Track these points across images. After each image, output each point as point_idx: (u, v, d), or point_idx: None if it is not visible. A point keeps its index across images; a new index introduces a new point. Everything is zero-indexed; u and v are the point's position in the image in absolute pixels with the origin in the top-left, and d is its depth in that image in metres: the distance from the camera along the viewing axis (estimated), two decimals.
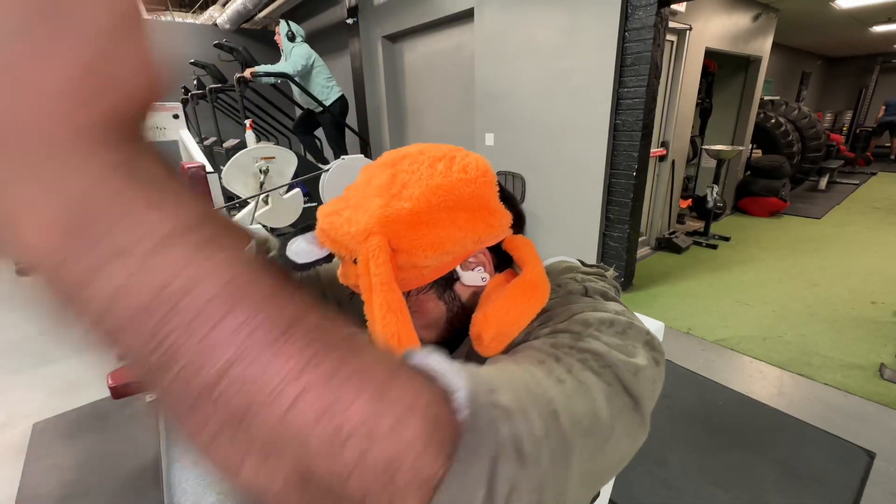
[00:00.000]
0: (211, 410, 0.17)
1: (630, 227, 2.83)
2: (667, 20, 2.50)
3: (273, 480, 0.18)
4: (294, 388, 0.18)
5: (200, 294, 0.17)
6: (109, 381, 1.43)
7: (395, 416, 0.20)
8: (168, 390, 0.18)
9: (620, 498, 1.47)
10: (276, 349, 0.18)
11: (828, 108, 9.43)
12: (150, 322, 0.16)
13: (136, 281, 0.16)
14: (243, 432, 0.18)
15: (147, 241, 0.16)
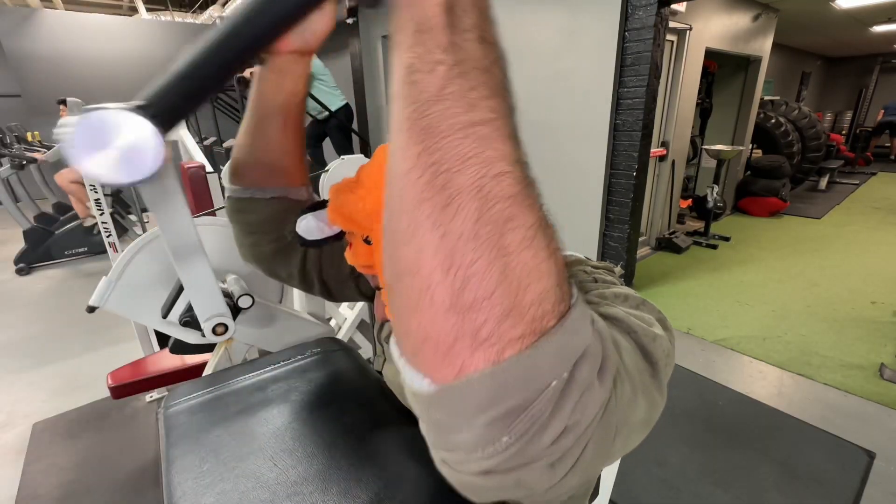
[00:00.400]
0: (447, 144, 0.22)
1: (630, 227, 2.83)
2: (667, 20, 2.50)
3: (443, 223, 0.22)
4: (506, 166, 0.23)
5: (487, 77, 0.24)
6: (110, 381, 1.44)
7: (549, 243, 0.23)
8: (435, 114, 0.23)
9: (620, 498, 1.47)
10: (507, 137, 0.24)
11: (828, 108, 9.44)
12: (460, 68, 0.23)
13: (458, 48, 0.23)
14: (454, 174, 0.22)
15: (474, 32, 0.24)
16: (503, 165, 0.22)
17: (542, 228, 0.23)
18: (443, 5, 0.23)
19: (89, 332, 2.68)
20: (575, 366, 0.23)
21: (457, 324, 0.22)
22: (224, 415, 0.74)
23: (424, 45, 0.23)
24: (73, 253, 4.07)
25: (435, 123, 0.22)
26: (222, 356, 1.09)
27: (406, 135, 0.23)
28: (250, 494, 0.57)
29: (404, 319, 0.24)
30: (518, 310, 0.22)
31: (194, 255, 0.90)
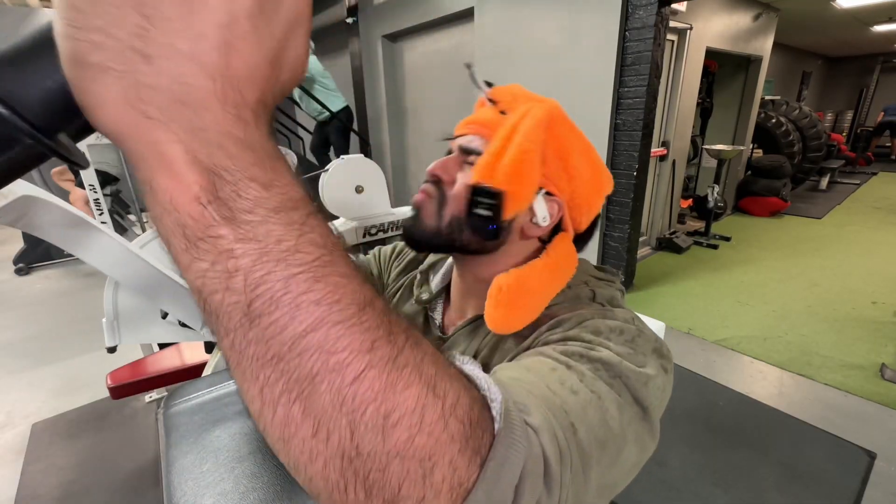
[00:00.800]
0: (285, 368, 0.19)
1: (630, 227, 2.83)
2: (667, 20, 2.50)
3: (321, 453, 0.19)
4: (360, 363, 0.19)
5: (294, 265, 0.19)
6: (109, 382, 1.44)
7: (442, 408, 0.21)
8: (252, 343, 0.19)
9: (620, 498, 1.46)
10: (350, 325, 0.19)
11: (828, 107, 9.43)
12: (254, 276, 0.19)
13: (245, 243, 0.19)
14: (306, 398, 0.19)
15: (259, 211, 0.19)
16: (357, 365, 0.19)
17: (428, 400, 0.20)
18: (200, 198, 0.18)
19: (89, 332, 2.68)
20: (516, 495, 0.23)
21: None
22: (224, 415, 0.74)
23: (204, 257, 0.19)
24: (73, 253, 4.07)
25: (261, 350, 0.19)
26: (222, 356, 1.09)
27: (238, 372, 0.20)
28: (250, 495, 0.57)
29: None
30: (432, 491, 0.20)
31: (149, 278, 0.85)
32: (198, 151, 0.18)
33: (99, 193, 2.18)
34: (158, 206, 0.19)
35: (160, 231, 0.20)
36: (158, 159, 0.18)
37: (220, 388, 0.81)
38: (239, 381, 0.20)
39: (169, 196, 0.18)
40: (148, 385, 1.44)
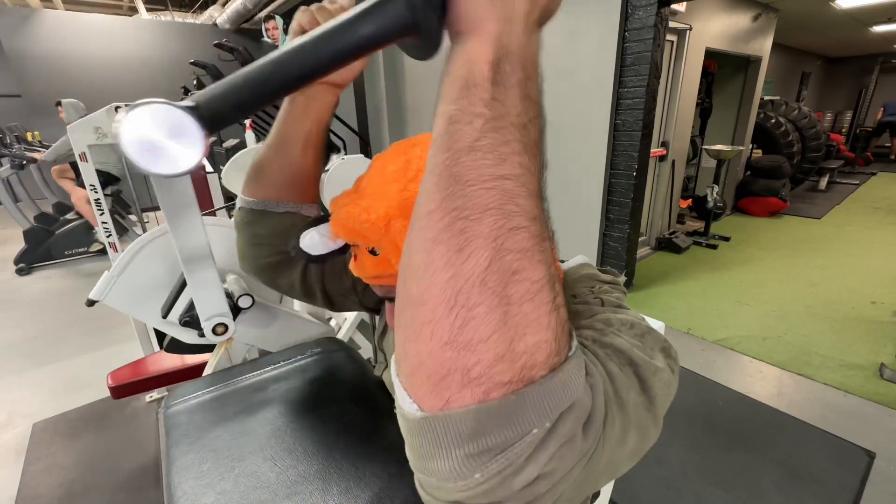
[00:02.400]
0: (472, 193, 0.24)
1: (630, 227, 2.83)
2: (667, 20, 2.50)
3: (454, 265, 0.23)
4: (523, 221, 0.24)
5: (519, 134, 0.25)
6: (110, 381, 1.44)
7: (553, 299, 0.25)
8: (468, 164, 0.24)
9: (620, 498, 1.47)
10: (529, 193, 0.25)
11: (828, 108, 9.43)
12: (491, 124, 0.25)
13: (499, 101, 0.25)
14: (473, 220, 0.23)
15: (517, 89, 0.26)
16: (521, 220, 0.24)
17: (548, 283, 0.24)
18: (492, 62, 0.25)
19: (89, 333, 2.68)
20: (559, 417, 0.24)
21: (451, 359, 0.23)
22: (224, 414, 0.74)
23: (468, 97, 0.25)
24: (73, 253, 4.07)
25: (464, 172, 0.24)
26: (222, 356, 1.09)
27: (435, 178, 0.25)
28: (250, 494, 0.57)
29: (405, 345, 0.25)
30: (510, 356, 0.23)
31: (202, 257, 0.91)
32: (503, 34, 0.26)
33: (100, 193, 2.18)
34: (463, 58, 0.26)
35: (450, 76, 0.26)
36: (479, 32, 0.26)
37: (220, 388, 0.82)
38: (429, 186, 0.25)
39: (473, 55, 0.25)
40: (148, 385, 1.44)
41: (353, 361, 0.88)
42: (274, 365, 0.87)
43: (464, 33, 0.26)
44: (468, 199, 0.23)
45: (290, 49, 0.31)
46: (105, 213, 2.21)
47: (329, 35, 0.31)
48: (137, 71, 6.12)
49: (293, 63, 0.31)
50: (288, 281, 0.70)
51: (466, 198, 0.23)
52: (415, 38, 0.31)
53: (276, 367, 0.87)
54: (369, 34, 0.30)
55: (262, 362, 0.89)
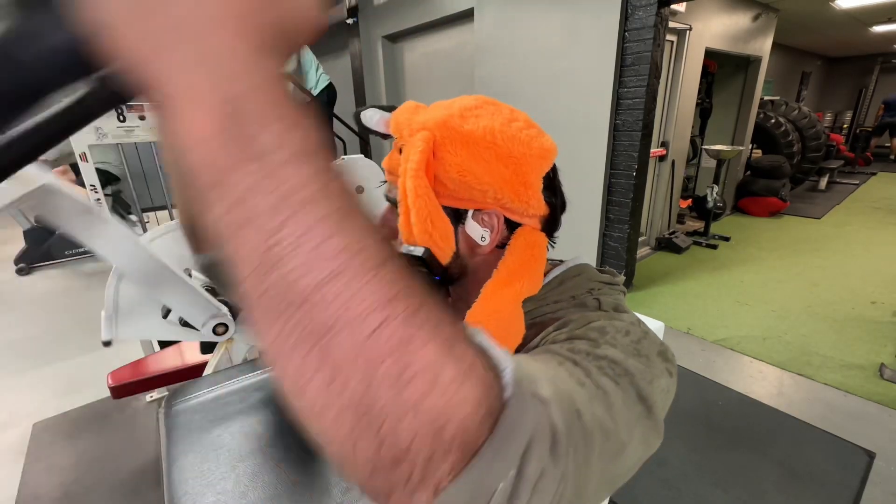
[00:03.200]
0: (301, 318, 0.18)
1: (630, 227, 2.83)
2: (667, 20, 2.50)
3: (334, 404, 0.19)
4: (378, 316, 0.19)
5: (318, 209, 0.19)
6: (110, 381, 1.44)
7: (457, 369, 0.20)
8: (271, 289, 0.19)
9: (620, 498, 1.47)
10: (370, 277, 0.19)
11: (828, 108, 9.43)
12: (275, 220, 0.18)
13: (268, 183, 0.18)
14: (322, 348, 0.19)
15: (283, 151, 0.18)
16: (375, 317, 0.19)
17: (445, 359, 0.20)
18: (222, 135, 0.18)
19: (89, 332, 2.68)
20: (522, 460, 0.23)
21: (386, 480, 0.21)
22: (225, 414, 0.74)
23: (225, 198, 0.18)
24: (74, 253, 4.07)
25: (279, 298, 0.19)
26: (222, 356, 1.09)
27: (257, 316, 0.20)
28: (251, 494, 0.57)
29: (343, 476, 0.24)
30: (441, 449, 0.20)
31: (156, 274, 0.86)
32: (214, 81, 0.18)
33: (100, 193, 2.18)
34: (178, 143, 0.18)
35: (183, 168, 0.19)
36: (172, 92, 0.18)
37: (220, 387, 0.82)
38: (257, 328, 0.20)
39: (188, 132, 0.18)
40: (148, 385, 1.44)
41: None
42: None
43: (151, 96, 0.19)
44: (303, 328, 0.19)
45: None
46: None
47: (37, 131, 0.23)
48: None
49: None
50: None
51: (300, 327, 0.19)
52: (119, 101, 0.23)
53: None
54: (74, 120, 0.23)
55: (263, 362, 0.89)
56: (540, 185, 0.48)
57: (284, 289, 0.18)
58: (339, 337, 0.19)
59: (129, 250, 0.81)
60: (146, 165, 4.24)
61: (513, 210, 0.48)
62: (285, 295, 0.18)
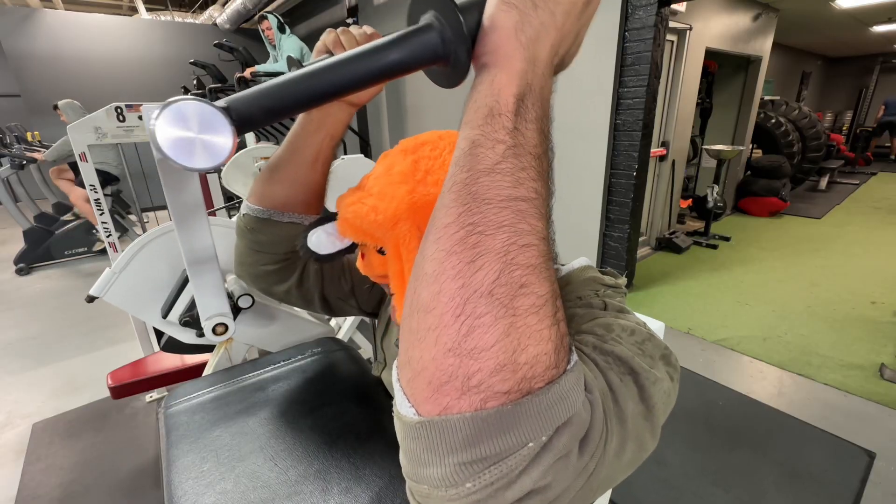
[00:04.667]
0: (488, 211, 0.25)
1: (630, 227, 2.83)
2: (667, 20, 2.50)
3: (465, 275, 0.24)
4: (533, 239, 0.25)
5: (537, 164, 0.28)
6: (109, 381, 1.44)
7: (555, 314, 0.25)
8: (482, 186, 0.26)
9: (620, 498, 1.47)
10: (540, 216, 0.27)
11: (828, 108, 9.43)
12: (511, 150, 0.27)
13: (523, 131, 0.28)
14: (487, 235, 0.24)
15: (533, 124, 0.28)
16: (531, 238, 0.25)
17: (551, 299, 0.25)
18: (517, 96, 0.27)
19: (89, 333, 2.68)
20: (556, 432, 0.24)
21: (452, 365, 0.23)
22: (224, 414, 0.74)
23: (492, 125, 0.27)
24: (73, 253, 4.07)
25: (482, 191, 0.25)
26: (222, 356, 1.09)
27: (454, 195, 0.26)
28: (251, 494, 0.57)
29: (409, 349, 0.26)
30: (511, 366, 0.23)
31: (207, 258, 0.91)
32: (528, 72, 0.28)
33: (100, 193, 2.17)
34: (490, 89, 0.28)
35: (476, 104, 0.28)
36: (508, 68, 0.28)
37: (220, 387, 0.81)
38: (447, 201, 0.26)
39: (500, 87, 0.28)
40: (148, 385, 1.44)
41: (352, 361, 0.88)
42: (274, 365, 0.87)
43: (491, 66, 0.29)
44: (484, 216, 0.25)
45: (324, 65, 0.33)
46: (105, 212, 2.21)
47: (363, 56, 0.33)
48: (137, 71, 6.12)
49: (325, 78, 0.33)
50: (285, 287, 0.71)
51: (482, 214, 0.25)
52: (442, 67, 0.33)
53: (276, 367, 0.87)
54: (400, 60, 0.32)
55: (262, 362, 0.89)
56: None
57: (489, 188, 0.25)
58: (502, 235, 0.24)
59: (199, 222, 0.87)
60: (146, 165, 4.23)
61: None
62: (487, 191, 0.25)
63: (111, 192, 3.96)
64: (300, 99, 0.32)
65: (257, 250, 0.68)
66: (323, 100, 0.33)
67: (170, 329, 1.11)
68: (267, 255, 0.68)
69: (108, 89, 5.81)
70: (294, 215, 0.66)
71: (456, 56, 0.31)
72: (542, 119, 0.29)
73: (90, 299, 1.07)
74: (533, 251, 0.25)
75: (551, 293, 0.25)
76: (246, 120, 0.31)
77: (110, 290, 1.05)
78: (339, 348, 0.92)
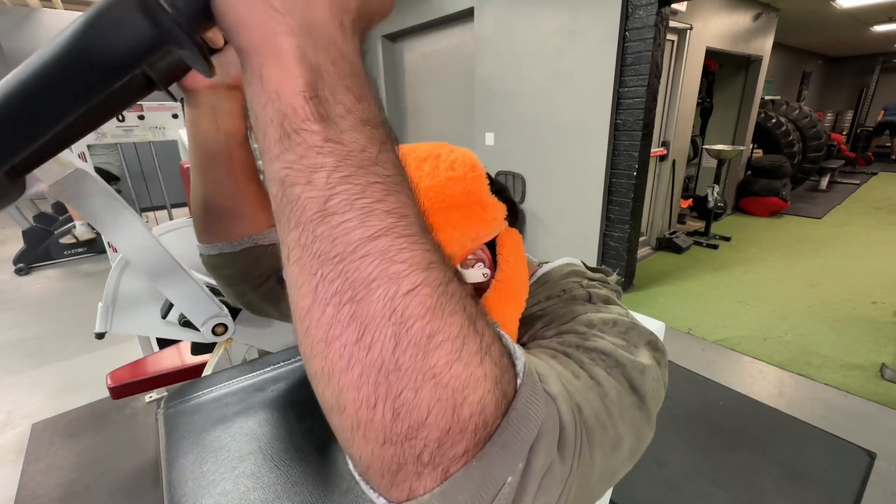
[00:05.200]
0: (345, 268, 0.20)
1: (630, 227, 2.83)
2: (667, 20, 2.49)
3: (359, 361, 0.19)
4: (416, 278, 0.20)
5: (373, 174, 0.21)
6: (109, 382, 1.43)
7: (479, 344, 0.21)
8: (320, 239, 0.20)
9: (620, 498, 1.47)
10: (411, 242, 0.21)
11: (828, 107, 9.42)
12: (334, 176, 0.20)
13: (333, 143, 0.20)
14: (358, 301, 0.19)
15: (350, 118, 0.21)
16: (414, 278, 0.20)
17: (469, 332, 0.21)
18: (305, 93, 0.20)
19: (89, 332, 2.68)
20: (530, 453, 0.23)
21: (396, 454, 0.20)
22: (224, 415, 0.74)
23: (293, 149, 0.20)
24: (72, 253, 4.07)
25: (326, 247, 0.20)
26: (222, 356, 1.09)
27: (297, 267, 0.20)
28: (250, 495, 0.57)
29: (346, 447, 0.22)
30: (457, 426, 0.20)
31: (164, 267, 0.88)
32: (307, 49, 0.20)
33: None
34: (264, 95, 0.20)
35: (259, 121, 0.21)
36: (272, 51, 0.20)
37: (220, 388, 0.81)
38: (294, 277, 0.21)
39: (276, 86, 0.20)
40: (148, 385, 1.44)
41: None
42: (274, 365, 0.87)
43: (249, 55, 0.21)
44: (345, 279, 0.19)
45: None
46: None
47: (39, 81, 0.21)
48: None
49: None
50: (278, 310, 0.67)
51: (342, 277, 0.19)
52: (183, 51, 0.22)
53: (276, 367, 0.86)
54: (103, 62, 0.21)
55: (262, 363, 0.89)
56: (489, 191, 0.47)
57: (332, 240, 0.20)
58: (377, 292, 0.19)
59: (143, 241, 0.83)
60: (145, 165, 4.23)
61: (487, 233, 0.47)
62: (333, 246, 0.20)
63: None
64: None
65: (230, 284, 0.63)
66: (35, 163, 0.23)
67: (172, 331, 1.10)
68: (243, 286, 0.63)
69: None
70: (244, 240, 0.58)
71: (179, 42, 0.21)
72: (357, 104, 0.21)
73: (99, 336, 1.07)
74: (421, 292, 0.20)
75: (465, 325, 0.21)
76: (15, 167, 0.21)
77: (112, 324, 1.05)
78: None
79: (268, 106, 0.20)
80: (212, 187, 0.53)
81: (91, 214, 0.76)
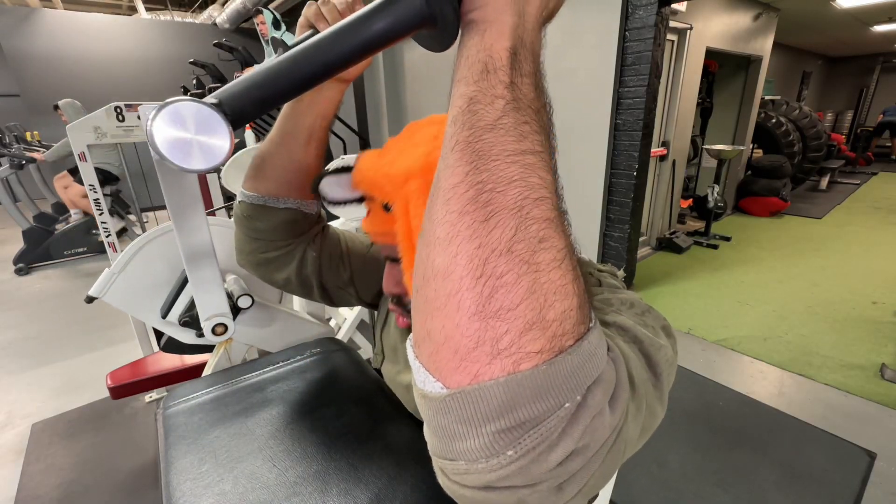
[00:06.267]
0: (496, 167, 0.24)
1: (630, 227, 2.83)
2: (667, 20, 2.49)
3: (480, 234, 0.23)
4: (545, 192, 0.25)
5: (537, 119, 0.27)
6: (109, 382, 1.43)
7: (574, 268, 0.25)
8: (490, 140, 0.25)
9: (620, 498, 1.47)
10: (547, 169, 0.26)
11: (829, 107, 9.43)
12: (510, 106, 0.26)
13: (519, 86, 0.27)
14: (499, 192, 0.24)
15: (529, 79, 0.28)
16: (543, 192, 0.25)
17: (570, 253, 0.25)
18: (510, 50, 0.27)
19: (89, 333, 2.68)
20: (588, 390, 0.23)
21: (479, 330, 0.22)
22: (223, 415, 0.73)
23: (488, 80, 0.26)
24: (72, 253, 4.07)
25: (487, 148, 0.25)
26: (222, 356, 1.09)
27: (458, 154, 0.25)
28: (250, 495, 0.57)
29: (427, 320, 0.24)
30: (540, 324, 0.22)
31: (205, 256, 0.92)
32: (518, 27, 0.28)
33: (99, 193, 2.17)
34: (482, 44, 0.27)
35: (469, 60, 0.28)
36: (498, 23, 0.28)
37: (219, 388, 0.81)
38: (453, 161, 0.26)
39: (492, 42, 0.27)
40: (148, 385, 1.44)
41: (352, 362, 0.87)
42: (273, 365, 0.87)
43: (480, 23, 0.28)
44: (492, 173, 0.24)
45: (308, 45, 0.31)
46: (104, 212, 2.21)
47: (348, 29, 0.31)
48: (137, 70, 6.12)
49: (313, 59, 0.31)
50: (284, 275, 0.71)
51: (490, 171, 0.24)
52: (430, 30, 0.32)
53: (276, 367, 0.86)
54: (387, 28, 0.31)
55: (262, 363, 0.88)
56: None
57: (493, 145, 0.25)
58: (514, 190, 0.24)
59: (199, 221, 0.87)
60: (145, 165, 4.23)
61: None
62: (492, 148, 0.25)
63: (110, 192, 3.96)
64: (290, 85, 0.31)
65: (255, 238, 0.68)
66: (313, 83, 0.32)
67: (169, 329, 1.10)
68: (265, 243, 0.68)
69: (107, 89, 5.80)
70: (290, 200, 0.65)
71: (443, 16, 0.30)
72: (536, 73, 0.28)
73: (89, 300, 1.07)
74: (547, 204, 0.24)
75: (569, 247, 0.25)
76: (239, 115, 0.30)
77: (109, 291, 1.05)
78: (339, 349, 0.92)
79: (481, 52, 0.27)
80: (285, 152, 0.62)
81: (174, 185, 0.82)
